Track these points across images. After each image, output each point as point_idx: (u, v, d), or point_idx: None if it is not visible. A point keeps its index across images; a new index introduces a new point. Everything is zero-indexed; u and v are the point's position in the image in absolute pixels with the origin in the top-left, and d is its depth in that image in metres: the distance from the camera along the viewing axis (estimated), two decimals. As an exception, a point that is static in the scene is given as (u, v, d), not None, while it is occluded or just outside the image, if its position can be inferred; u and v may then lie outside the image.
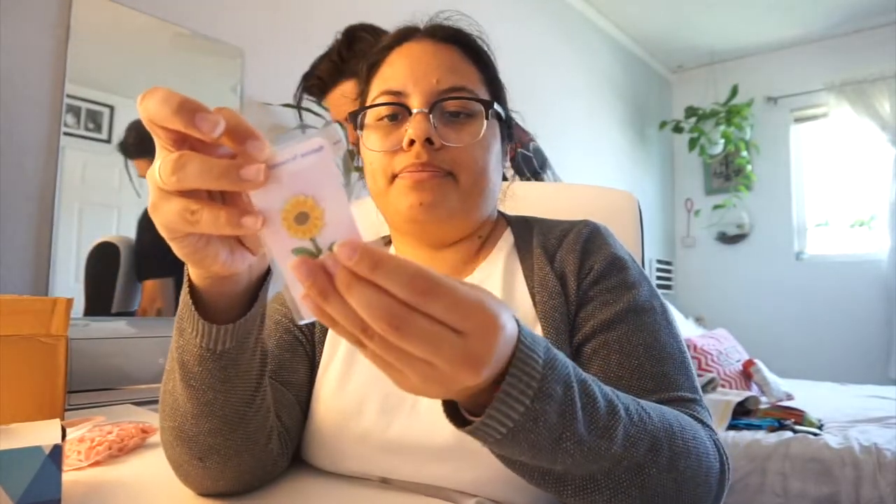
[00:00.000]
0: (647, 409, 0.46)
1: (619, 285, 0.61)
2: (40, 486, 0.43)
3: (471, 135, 0.62)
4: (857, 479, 1.85)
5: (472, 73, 0.65)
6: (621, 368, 0.56)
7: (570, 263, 0.63)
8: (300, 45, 2.15)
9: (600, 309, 0.59)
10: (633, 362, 0.56)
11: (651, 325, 0.58)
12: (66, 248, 1.54)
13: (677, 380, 0.56)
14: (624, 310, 0.59)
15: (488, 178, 0.63)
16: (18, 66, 1.47)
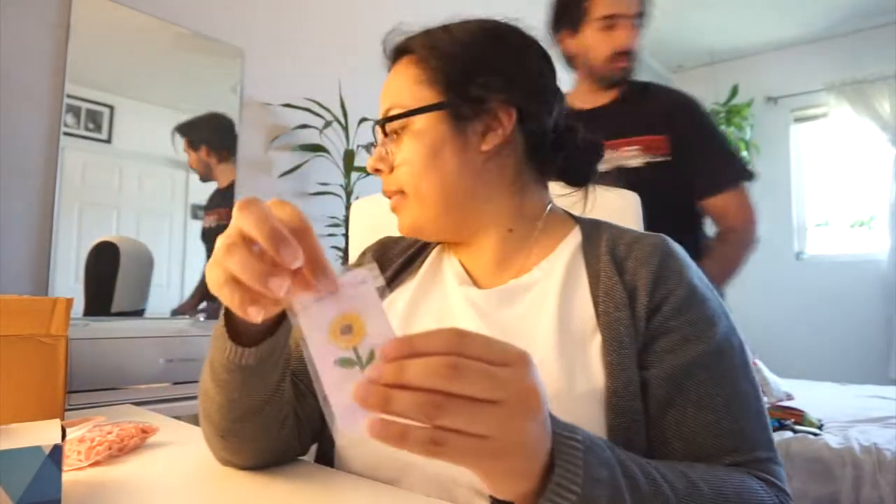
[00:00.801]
0: (700, 483, 0.46)
1: (700, 320, 0.56)
2: (40, 486, 0.43)
3: (400, 151, 0.63)
4: (857, 479, 1.85)
5: (407, 81, 0.64)
6: (697, 424, 0.53)
7: (642, 278, 0.58)
8: (300, 45, 2.16)
9: (681, 347, 0.55)
10: (710, 417, 0.53)
11: (730, 371, 0.55)
12: (66, 248, 1.54)
13: (755, 438, 0.53)
14: (705, 353, 0.55)
15: (434, 181, 0.62)
16: (18, 66, 1.47)
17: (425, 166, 0.62)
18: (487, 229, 0.65)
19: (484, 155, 0.62)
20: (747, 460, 0.52)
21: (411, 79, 0.64)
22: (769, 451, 0.54)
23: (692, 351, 0.55)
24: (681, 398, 0.54)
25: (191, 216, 1.83)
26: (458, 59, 0.63)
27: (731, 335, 0.57)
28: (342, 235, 2.07)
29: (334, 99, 2.08)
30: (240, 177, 1.95)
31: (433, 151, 0.62)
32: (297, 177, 2.07)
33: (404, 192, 0.64)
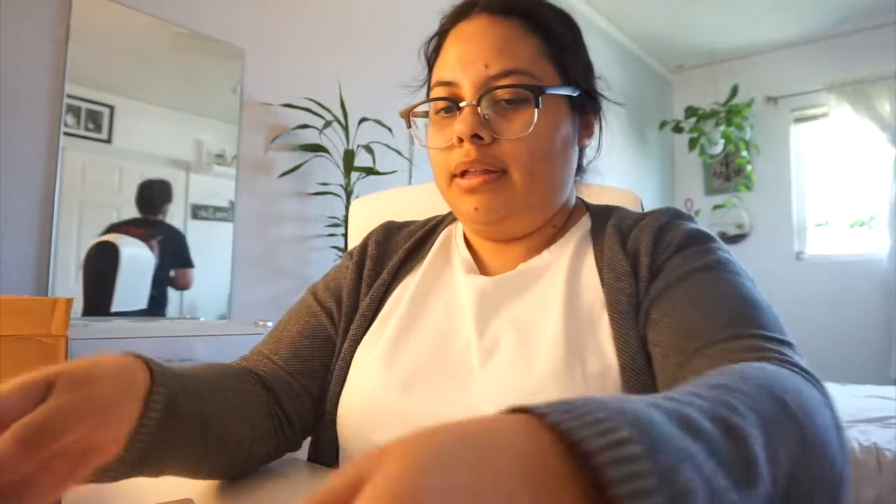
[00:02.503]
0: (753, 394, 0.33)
1: (696, 252, 0.55)
2: (40, 486, 0.43)
3: (523, 125, 0.56)
4: (857, 479, 1.85)
5: (530, 49, 0.58)
6: (688, 313, 0.50)
7: (644, 242, 0.58)
8: (300, 45, 2.16)
9: (673, 272, 0.54)
10: (703, 309, 0.49)
11: (728, 277, 0.52)
12: (66, 248, 1.54)
13: (760, 320, 0.47)
14: (697, 268, 0.53)
15: (549, 168, 0.58)
16: (18, 66, 1.48)
17: (549, 149, 0.58)
18: (546, 226, 0.65)
19: (578, 151, 0.64)
20: (749, 335, 0.45)
21: (533, 49, 0.59)
22: (781, 334, 0.46)
23: (683, 270, 0.54)
24: (671, 303, 0.52)
25: (191, 216, 1.83)
26: (571, 46, 0.62)
27: (732, 261, 0.55)
28: (342, 235, 2.07)
29: (334, 99, 2.08)
30: (240, 177, 1.95)
31: (560, 135, 0.59)
32: (297, 177, 2.07)
33: (506, 170, 0.57)
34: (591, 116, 0.65)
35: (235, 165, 1.94)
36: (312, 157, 2.08)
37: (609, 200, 0.87)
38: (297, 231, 2.11)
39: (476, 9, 0.61)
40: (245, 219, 1.96)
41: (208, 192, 1.88)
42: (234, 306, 1.90)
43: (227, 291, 1.89)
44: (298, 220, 2.11)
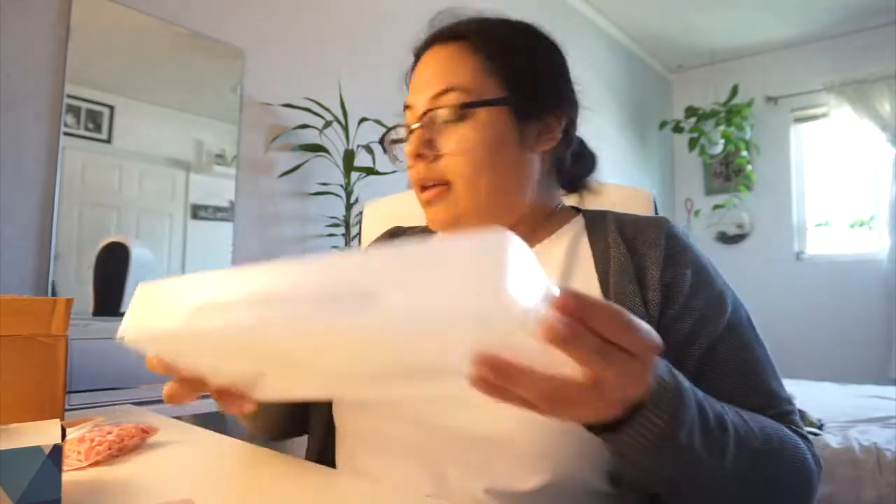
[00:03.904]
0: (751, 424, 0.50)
1: (714, 298, 0.60)
2: (40, 486, 0.43)
3: (458, 140, 0.61)
4: (857, 479, 1.85)
5: (469, 67, 0.62)
6: (724, 386, 0.57)
7: (651, 258, 0.60)
8: (300, 45, 2.16)
9: (702, 325, 0.59)
10: (735, 380, 0.58)
11: (747, 340, 0.60)
12: (66, 248, 1.54)
13: (779, 394, 0.59)
14: (723, 327, 0.59)
15: (490, 178, 0.61)
16: (18, 66, 1.48)
17: (485, 159, 0.61)
18: (514, 223, 0.66)
19: (535, 155, 0.65)
20: (776, 413, 0.56)
21: (472, 67, 0.63)
22: (790, 404, 0.59)
23: (712, 327, 0.59)
24: (708, 369, 0.58)
25: (191, 216, 1.83)
26: (524, 57, 0.65)
27: (739, 307, 0.62)
28: (342, 235, 2.07)
29: (334, 99, 2.08)
30: (240, 177, 1.95)
31: (496, 145, 0.61)
32: (297, 177, 2.07)
33: (448, 183, 0.62)
34: (551, 121, 0.65)
35: (235, 165, 1.94)
36: (312, 157, 2.08)
37: (624, 199, 0.86)
38: (297, 231, 2.11)
39: (432, 39, 0.67)
40: (245, 219, 1.96)
41: (208, 192, 1.88)
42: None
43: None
44: (298, 220, 2.11)
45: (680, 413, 0.42)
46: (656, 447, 0.41)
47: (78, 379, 1.17)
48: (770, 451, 0.50)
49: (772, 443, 0.50)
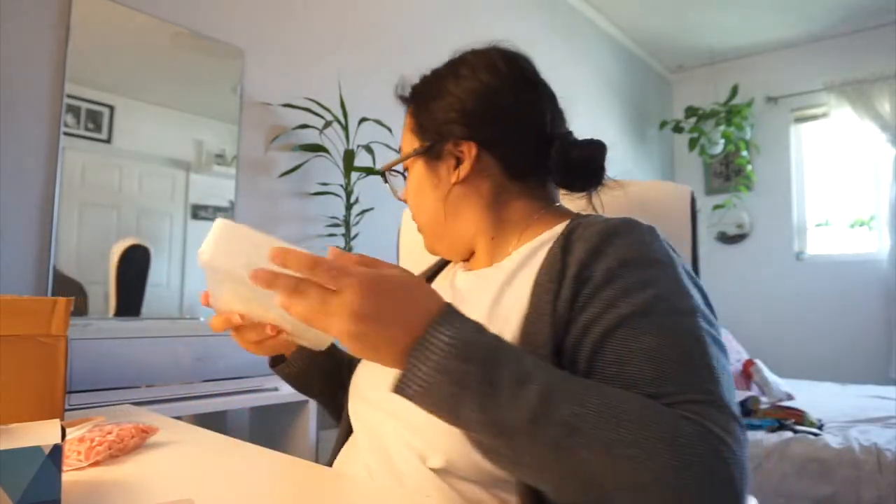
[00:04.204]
0: (585, 396, 0.45)
1: (632, 286, 0.54)
2: (40, 486, 0.43)
3: (405, 191, 0.76)
4: (857, 479, 1.85)
5: (407, 128, 0.74)
6: (620, 381, 0.51)
7: (576, 254, 0.58)
8: (300, 45, 2.16)
9: (605, 312, 0.54)
10: (632, 370, 0.50)
11: (659, 326, 0.52)
12: (66, 248, 1.54)
13: (687, 383, 0.49)
14: (630, 313, 0.53)
15: (426, 216, 0.74)
16: (18, 66, 1.48)
17: (415, 203, 0.74)
18: (476, 241, 0.72)
19: (459, 185, 0.69)
20: (675, 402, 0.48)
21: (407, 128, 0.74)
22: (708, 395, 0.48)
23: (617, 313, 0.53)
24: (608, 352, 0.52)
25: (191, 216, 1.83)
26: (426, 104, 0.71)
27: (673, 297, 0.54)
28: (342, 235, 2.07)
29: (334, 99, 2.08)
30: (240, 177, 1.95)
31: (418, 190, 0.73)
32: (297, 177, 2.07)
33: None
34: (459, 153, 0.68)
35: (235, 165, 1.94)
36: (312, 157, 2.08)
37: (660, 195, 0.86)
38: (297, 231, 2.11)
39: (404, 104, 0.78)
40: (245, 219, 1.96)
41: (208, 192, 1.88)
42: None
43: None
44: (298, 220, 2.11)
45: (450, 364, 0.45)
46: (424, 395, 0.46)
47: (78, 379, 1.17)
48: (608, 421, 0.44)
49: (629, 424, 0.44)
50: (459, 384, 0.45)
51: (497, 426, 0.45)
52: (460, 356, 0.45)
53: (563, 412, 0.44)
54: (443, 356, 0.45)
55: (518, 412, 0.44)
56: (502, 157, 0.69)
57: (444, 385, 0.45)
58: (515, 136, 0.69)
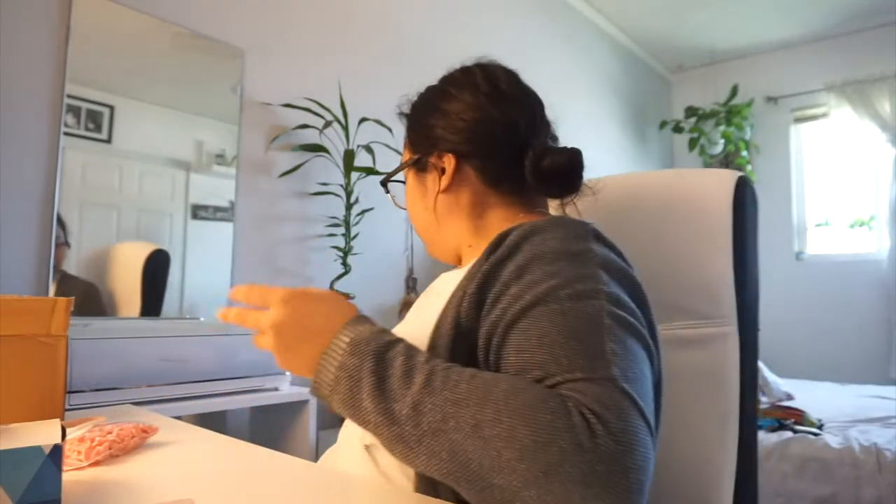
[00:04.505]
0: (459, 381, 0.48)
1: (537, 281, 0.55)
2: (40, 486, 0.43)
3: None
4: (857, 479, 1.85)
5: (405, 142, 0.80)
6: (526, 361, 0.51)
7: (493, 255, 0.61)
8: (300, 45, 2.16)
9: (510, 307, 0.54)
10: (524, 357, 0.51)
11: (554, 312, 0.52)
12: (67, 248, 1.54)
13: (572, 362, 0.48)
14: (530, 304, 0.53)
15: (419, 224, 0.80)
16: (18, 66, 1.48)
17: (410, 211, 0.81)
18: (459, 248, 0.77)
19: (443, 195, 0.74)
20: (558, 382, 0.47)
21: (404, 144, 0.81)
22: (592, 372, 0.47)
23: (518, 307, 0.54)
24: (510, 343, 0.53)
25: (191, 216, 1.83)
26: (414, 120, 0.78)
27: (578, 283, 0.54)
28: (342, 235, 2.07)
29: (334, 99, 2.08)
30: (240, 177, 1.95)
31: (411, 199, 0.80)
32: (297, 177, 2.07)
33: None
34: (441, 163, 0.73)
35: (235, 165, 1.94)
36: (312, 157, 2.08)
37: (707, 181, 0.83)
38: (297, 231, 2.11)
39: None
40: (245, 219, 1.96)
41: (208, 192, 1.88)
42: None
43: (227, 291, 1.88)
44: (298, 220, 2.11)
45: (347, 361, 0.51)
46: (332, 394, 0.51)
47: (78, 379, 1.17)
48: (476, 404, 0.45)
49: (494, 404, 0.45)
50: (355, 378, 0.50)
51: (388, 415, 0.48)
52: (356, 353, 0.51)
53: (438, 399, 0.47)
54: (342, 355, 0.51)
55: (403, 401, 0.48)
56: (479, 167, 0.73)
57: (344, 381, 0.51)
58: (490, 148, 0.73)
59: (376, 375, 0.49)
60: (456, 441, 0.45)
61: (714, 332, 0.79)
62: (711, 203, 0.81)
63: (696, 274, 0.81)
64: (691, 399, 0.79)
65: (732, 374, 0.78)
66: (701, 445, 0.78)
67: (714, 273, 0.79)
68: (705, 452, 0.78)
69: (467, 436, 0.45)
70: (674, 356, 0.77)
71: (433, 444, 0.46)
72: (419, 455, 0.48)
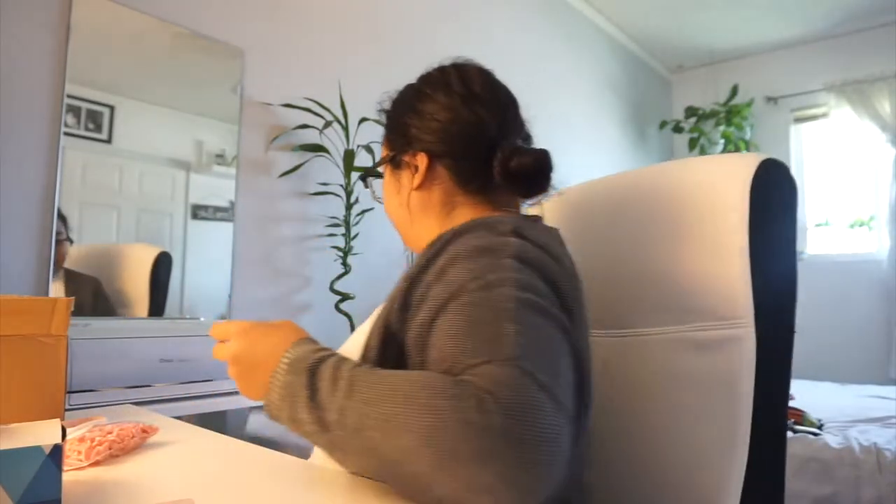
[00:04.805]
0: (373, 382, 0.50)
1: (454, 281, 0.57)
2: (40, 486, 0.43)
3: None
4: (857, 479, 1.85)
5: (384, 141, 0.82)
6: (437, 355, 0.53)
7: (422, 255, 0.64)
8: (300, 45, 2.16)
9: (434, 305, 0.57)
10: (434, 353, 0.54)
11: (465, 307, 0.53)
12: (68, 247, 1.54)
13: (476, 349, 0.50)
14: (445, 303, 0.55)
15: (394, 218, 0.82)
16: (18, 66, 1.48)
17: (386, 206, 0.83)
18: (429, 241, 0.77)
19: (416, 192, 0.76)
20: (460, 370, 0.49)
21: (382, 140, 0.83)
22: (492, 355, 0.48)
23: (435, 306, 0.56)
24: (430, 340, 0.56)
25: (191, 216, 1.83)
26: (395, 118, 0.80)
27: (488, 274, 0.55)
28: (342, 235, 2.07)
29: (334, 99, 2.08)
30: (240, 177, 1.95)
31: (387, 194, 0.83)
32: (297, 177, 2.07)
33: None
34: (414, 162, 0.75)
35: (235, 165, 1.94)
36: (312, 157, 2.08)
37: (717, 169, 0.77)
38: (297, 231, 2.11)
39: None
40: (245, 219, 1.96)
41: (208, 192, 1.88)
42: (234, 306, 1.90)
43: (227, 291, 1.89)
44: (298, 220, 2.11)
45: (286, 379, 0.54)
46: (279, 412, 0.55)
47: (78, 379, 1.17)
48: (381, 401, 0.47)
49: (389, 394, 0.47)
50: (292, 394, 0.53)
51: (321, 424, 0.50)
52: (292, 371, 0.54)
53: (357, 401, 0.49)
54: (283, 374, 0.55)
55: (331, 409, 0.50)
56: (451, 167, 0.75)
57: (286, 399, 0.54)
58: (461, 148, 0.74)
59: (309, 389, 0.52)
60: (374, 439, 0.47)
61: (728, 335, 0.72)
62: (722, 193, 0.74)
63: (708, 272, 0.74)
64: (697, 405, 0.74)
65: (744, 379, 0.70)
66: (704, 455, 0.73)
67: (726, 270, 0.72)
68: (709, 463, 0.72)
69: (382, 432, 0.46)
70: (686, 360, 0.75)
71: (358, 445, 0.48)
72: (349, 456, 0.51)
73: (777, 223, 0.74)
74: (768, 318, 0.71)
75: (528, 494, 0.43)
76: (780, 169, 0.75)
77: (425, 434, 0.44)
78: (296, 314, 2.07)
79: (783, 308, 0.75)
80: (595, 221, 0.91)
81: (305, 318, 2.09)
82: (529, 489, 0.43)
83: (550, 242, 0.65)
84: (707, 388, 0.73)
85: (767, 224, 0.72)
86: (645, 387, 0.80)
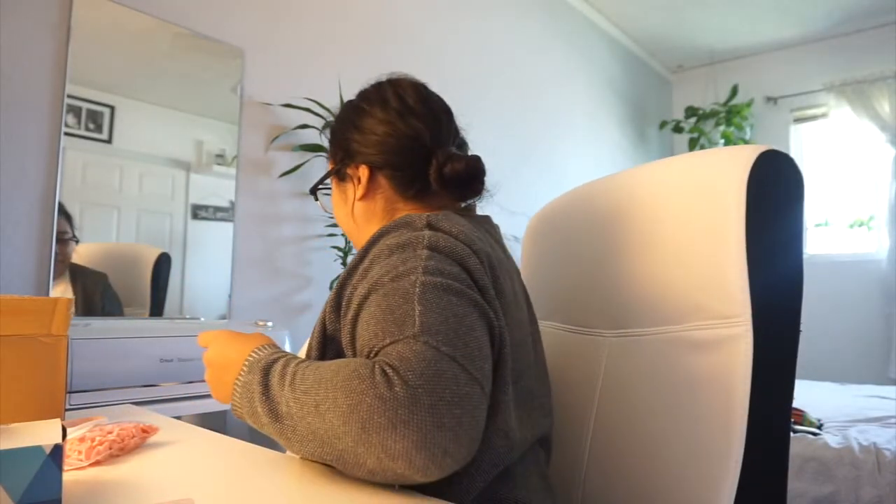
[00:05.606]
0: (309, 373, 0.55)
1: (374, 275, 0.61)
2: (41, 485, 0.43)
3: None
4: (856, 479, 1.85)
5: (329, 156, 0.87)
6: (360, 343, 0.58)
7: (353, 260, 0.68)
8: (300, 45, 2.16)
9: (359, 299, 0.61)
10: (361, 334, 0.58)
11: (380, 298, 0.57)
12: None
13: (386, 332, 0.54)
14: (370, 294, 0.59)
15: (343, 225, 0.86)
16: (19, 66, 1.48)
17: (336, 215, 0.88)
18: None
19: (360, 202, 0.81)
20: (375, 352, 0.54)
21: (327, 156, 0.88)
22: (399, 335, 0.53)
23: (359, 302, 0.61)
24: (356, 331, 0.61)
25: (191, 216, 1.83)
26: (337, 133, 0.84)
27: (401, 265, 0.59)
28: (342, 235, 2.07)
29: (334, 99, 2.08)
30: (240, 177, 1.95)
31: (335, 205, 0.87)
32: (297, 177, 2.07)
33: None
34: (357, 174, 0.80)
35: (235, 165, 1.94)
36: (312, 157, 2.08)
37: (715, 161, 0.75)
38: (297, 231, 2.11)
39: None
40: (245, 219, 1.96)
41: (208, 192, 1.88)
42: (234, 306, 1.90)
43: (227, 291, 1.89)
44: (298, 220, 2.12)
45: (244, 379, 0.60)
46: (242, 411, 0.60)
47: (78, 379, 1.17)
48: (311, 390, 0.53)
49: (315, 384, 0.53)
50: (250, 390, 0.58)
51: (274, 416, 0.55)
52: (251, 371, 0.60)
53: (298, 392, 0.54)
54: (244, 374, 0.60)
55: (280, 401, 0.55)
56: (391, 176, 0.79)
57: (245, 396, 0.59)
58: (399, 159, 0.78)
59: (262, 385, 0.57)
60: (311, 423, 0.52)
61: (724, 334, 0.70)
62: (719, 187, 0.72)
63: (704, 270, 0.72)
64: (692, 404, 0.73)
65: (739, 378, 0.68)
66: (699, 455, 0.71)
67: (722, 267, 0.70)
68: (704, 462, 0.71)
69: (314, 416, 0.52)
70: (682, 359, 0.74)
71: (302, 430, 0.53)
72: (295, 443, 0.55)
73: (779, 217, 0.71)
74: (768, 316, 0.69)
75: (442, 457, 0.48)
76: (783, 161, 0.71)
77: (345, 412, 0.49)
78: (296, 314, 2.07)
79: (786, 306, 0.72)
80: (591, 222, 0.91)
81: (305, 318, 2.09)
82: (443, 452, 0.47)
83: (467, 231, 0.66)
84: (703, 387, 0.72)
85: (768, 219, 0.69)
86: (641, 386, 0.80)
